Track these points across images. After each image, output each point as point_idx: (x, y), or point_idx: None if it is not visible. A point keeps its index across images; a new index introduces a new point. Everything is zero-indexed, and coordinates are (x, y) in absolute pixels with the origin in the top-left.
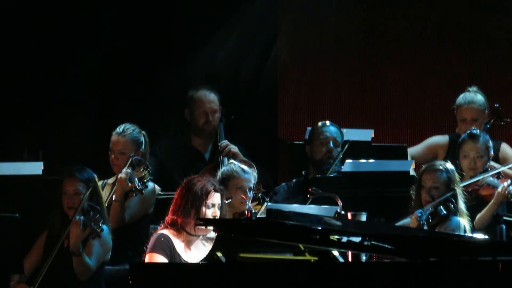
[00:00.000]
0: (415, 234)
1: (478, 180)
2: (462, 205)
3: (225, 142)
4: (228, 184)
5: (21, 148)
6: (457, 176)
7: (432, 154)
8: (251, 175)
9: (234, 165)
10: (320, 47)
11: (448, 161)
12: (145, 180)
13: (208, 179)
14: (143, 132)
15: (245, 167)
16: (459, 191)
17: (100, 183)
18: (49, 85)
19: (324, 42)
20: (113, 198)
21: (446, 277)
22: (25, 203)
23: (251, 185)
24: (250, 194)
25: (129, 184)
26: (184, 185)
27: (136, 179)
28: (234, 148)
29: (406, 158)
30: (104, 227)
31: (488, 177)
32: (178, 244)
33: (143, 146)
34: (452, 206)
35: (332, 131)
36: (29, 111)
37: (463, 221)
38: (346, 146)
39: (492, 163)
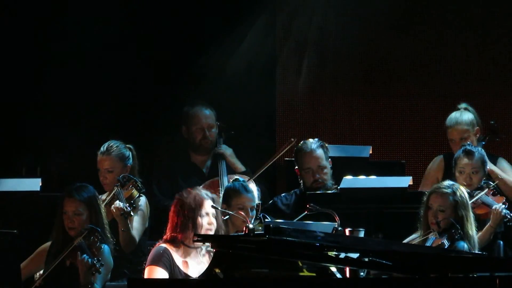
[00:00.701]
0: (413, 250)
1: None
2: (469, 228)
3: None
4: (231, 202)
5: (19, 164)
6: (465, 198)
7: (436, 181)
8: (254, 193)
9: (238, 183)
10: (319, 66)
11: (456, 183)
12: (133, 200)
13: (196, 188)
14: (129, 145)
15: (247, 185)
16: (466, 214)
17: None
18: (48, 102)
19: (323, 61)
20: (121, 229)
21: None
22: (23, 219)
23: (254, 204)
24: (253, 213)
25: (121, 210)
26: (176, 202)
27: (124, 203)
28: (223, 151)
29: (404, 174)
30: (105, 246)
31: (483, 195)
32: (177, 258)
33: (131, 160)
34: (459, 232)
35: (314, 157)
36: (27, 128)
37: (468, 246)
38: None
39: (493, 167)
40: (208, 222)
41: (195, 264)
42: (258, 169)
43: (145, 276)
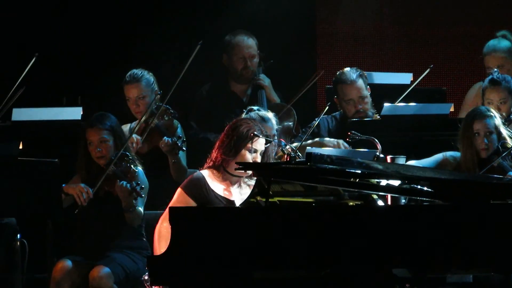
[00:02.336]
0: (454, 178)
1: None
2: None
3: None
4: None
5: (60, 93)
6: (499, 116)
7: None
8: (272, 121)
9: (254, 113)
10: None
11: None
12: (175, 130)
13: (256, 124)
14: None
15: (265, 114)
16: (506, 132)
17: (127, 127)
18: (88, 32)
19: None
20: (171, 161)
21: (486, 219)
22: (64, 148)
23: (275, 132)
24: (275, 141)
25: (175, 145)
26: (232, 124)
27: (171, 137)
28: (263, 81)
29: (445, 101)
30: (139, 169)
31: None
32: (216, 185)
33: (156, 85)
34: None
35: (355, 88)
36: (68, 57)
37: None
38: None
39: None
40: (253, 158)
41: (237, 192)
42: (292, 97)
43: (175, 196)
